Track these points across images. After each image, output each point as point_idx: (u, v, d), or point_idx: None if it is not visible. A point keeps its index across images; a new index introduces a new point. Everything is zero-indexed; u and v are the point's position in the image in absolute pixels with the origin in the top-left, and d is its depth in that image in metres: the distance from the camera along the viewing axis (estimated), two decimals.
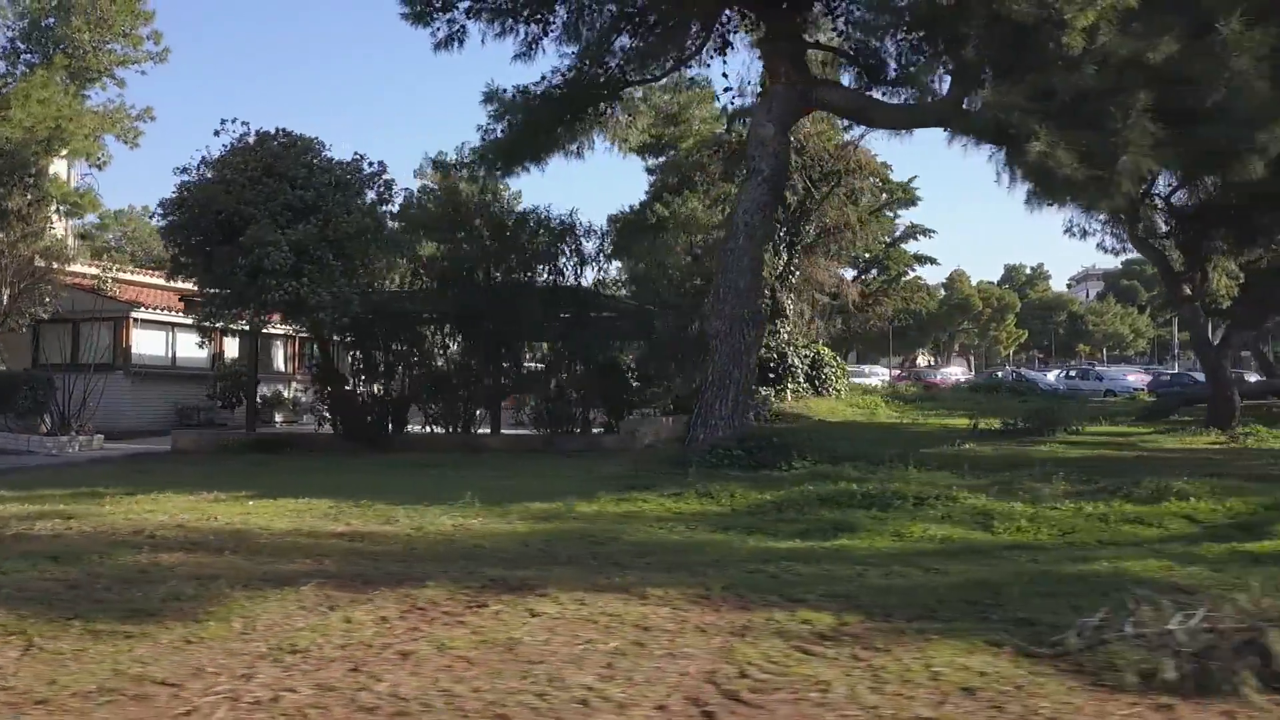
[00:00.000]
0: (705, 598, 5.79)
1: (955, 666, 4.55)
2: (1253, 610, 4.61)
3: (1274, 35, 9.29)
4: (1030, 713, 4.05)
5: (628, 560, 6.95)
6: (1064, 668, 4.61)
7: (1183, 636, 4.47)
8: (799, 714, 4.04)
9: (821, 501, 9.06)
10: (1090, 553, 7.26)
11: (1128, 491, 9.47)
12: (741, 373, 13.13)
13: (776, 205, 14.69)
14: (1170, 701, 4.13)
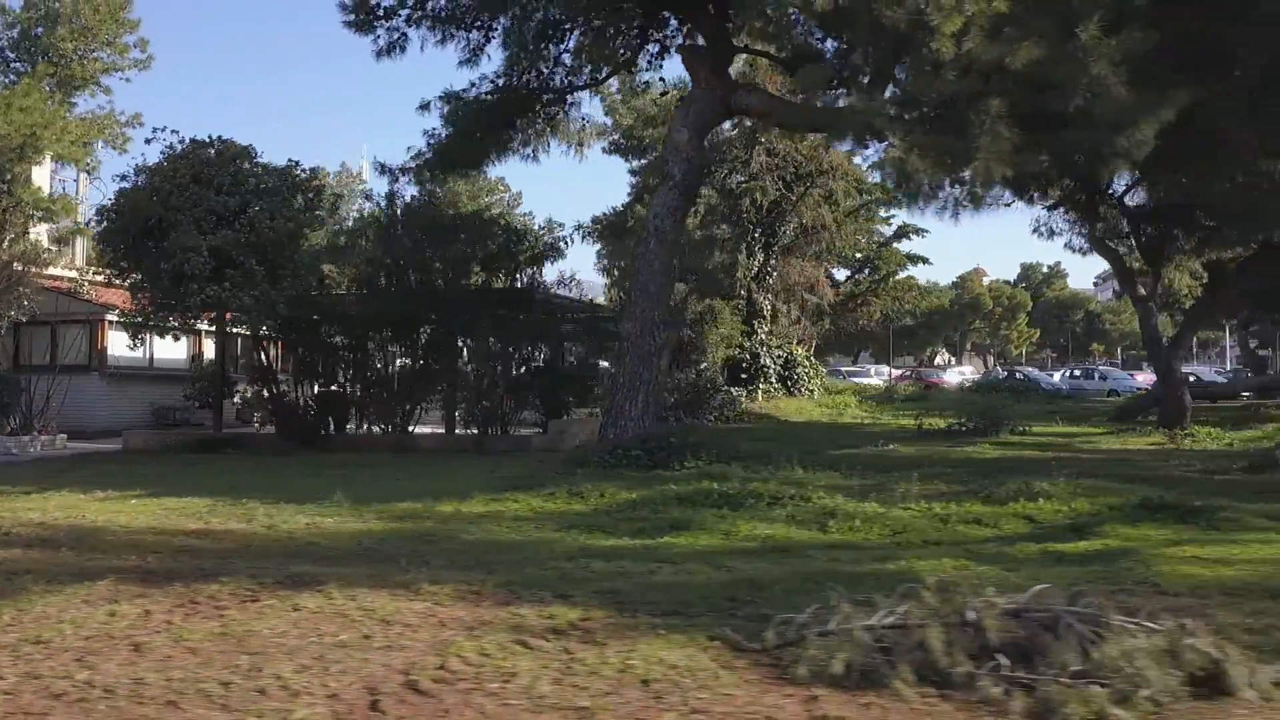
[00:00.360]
0: (476, 594, 6.01)
1: (653, 660, 4.74)
2: (934, 607, 4.78)
3: (1135, 41, 9.38)
4: (683, 702, 4.26)
5: (440, 558, 7.17)
6: (763, 662, 4.81)
7: (861, 633, 4.65)
8: (464, 703, 4.25)
9: (679, 501, 9.24)
10: (900, 553, 7.42)
11: (988, 493, 9.59)
12: (651, 374, 13.34)
13: (689, 209, 14.87)
14: (821, 693, 4.32)
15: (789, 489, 9.53)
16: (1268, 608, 5.69)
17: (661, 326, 13.41)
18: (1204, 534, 7.98)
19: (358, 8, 17.39)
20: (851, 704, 4.21)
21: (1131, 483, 11.08)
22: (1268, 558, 7.12)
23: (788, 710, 4.16)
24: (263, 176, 14.81)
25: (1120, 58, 9.31)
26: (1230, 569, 6.79)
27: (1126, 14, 9.51)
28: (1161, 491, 9.48)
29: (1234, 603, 5.82)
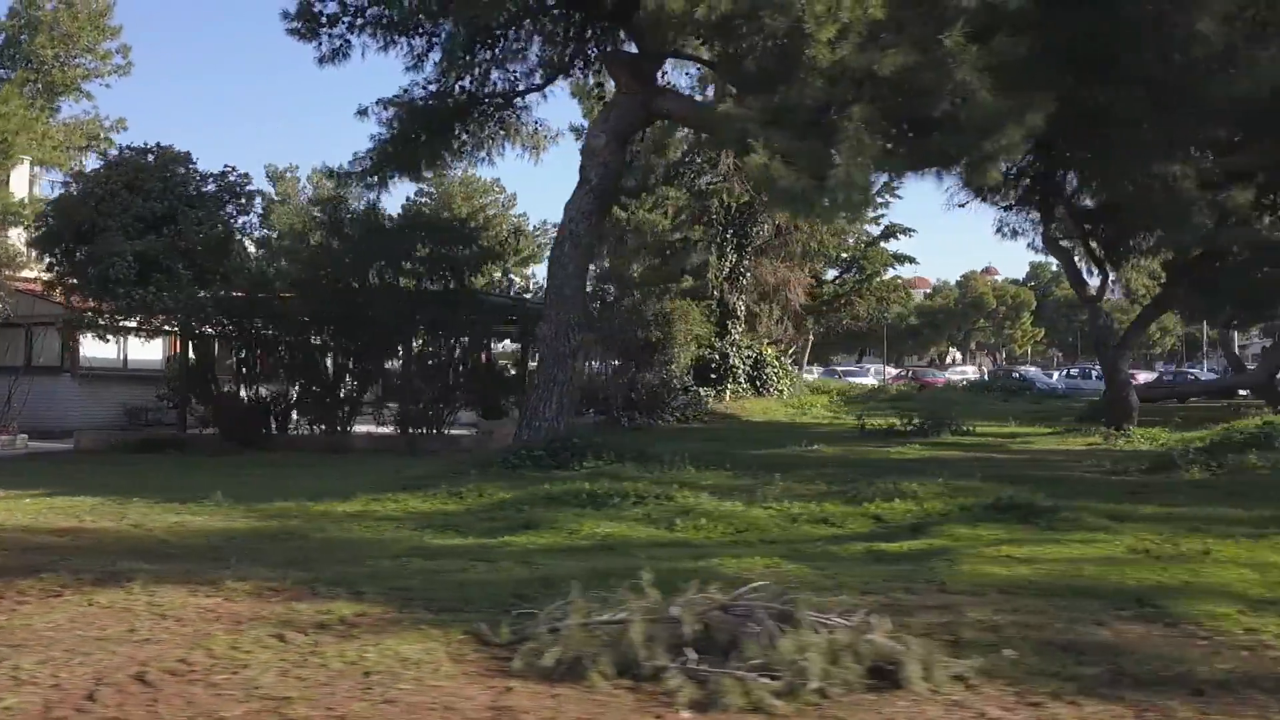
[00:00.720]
0: (274, 590, 6.24)
1: (389, 654, 4.96)
2: (654, 603, 4.98)
3: (1005, 46, 9.52)
4: (384, 692, 4.47)
5: (275, 556, 7.41)
6: (499, 656, 5.02)
7: (577, 629, 4.87)
8: (179, 694, 4.46)
9: (547, 501, 9.47)
10: (723, 551, 7.62)
11: (855, 493, 9.77)
12: (566, 375, 13.56)
13: (604, 214, 15.08)
14: (518, 685, 4.54)
15: (657, 488, 9.76)
16: (1027, 604, 5.87)
17: (577, 329, 13.64)
18: (1035, 534, 8.15)
19: (301, 16, 17.69)
20: (541, 695, 4.42)
21: (1017, 482, 11.24)
22: (1074, 557, 7.29)
23: (476, 700, 4.37)
24: (197, 183, 15.14)
25: (989, 63, 9.46)
26: (1029, 567, 6.96)
27: (1002, 20, 9.64)
28: (1026, 492, 9.64)
29: (1003, 600, 6.01)
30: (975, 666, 4.66)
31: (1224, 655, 4.96)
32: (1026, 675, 4.58)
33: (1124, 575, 6.65)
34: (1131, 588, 6.28)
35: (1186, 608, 5.77)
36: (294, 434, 17.62)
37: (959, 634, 5.22)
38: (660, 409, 24.38)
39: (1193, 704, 4.27)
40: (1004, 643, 5.07)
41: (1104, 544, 7.69)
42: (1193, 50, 9.87)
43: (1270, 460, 13.86)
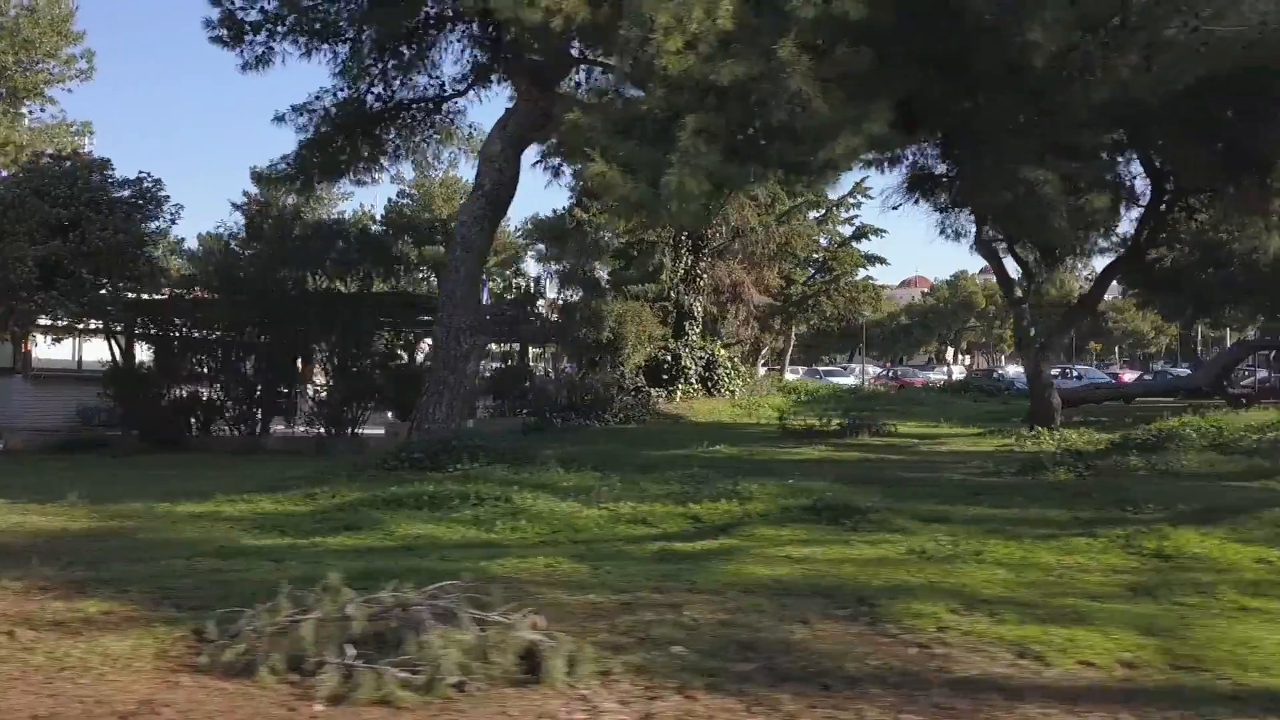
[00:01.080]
0: (42, 589, 6.51)
1: (97, 649, 5.20)
2: (337, 602, 5.23)
3: (846, 58, 9.73)
4: (68, 684, 4.72)
5: (86, 555, 7.67)
6: (210, 652, 5.28)
7: (262, 627, 5.12)
8: None
9: (388, 502, 9.73)
10: (522, 551, 7.86)
11: (692, 494, 10.01)
12: (457, 379, 13.82)
13: (498, 219, 15.31)
14: (189, 680, 4.80)
15: (500, 490, 10.00)
16: (753, 603, 6.10)
17: (469, 332, 13.89)
18: (833, 534, 8.39)
19: (224, 24, 17.97)
20: (200, 689, 4.69)
21: (875, 484, 11.54)
22: (846, 558, 7.53)
23: (134, 694, 4.62)
24: (110, 189, 15.47)
25: (835, 73, 9.68)
26: (794, 567, 7.21)
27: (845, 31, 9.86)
28: (855, 494, 9.89)
29: (736, 599, 6.24)
30: (632, 662, 4.93)
31: (889, 652, 5.19)
32: (678, 671, 4.83)
33: (875, 576, 6.87)
34: (870, 587, 6.51)
35: (901, 607, 5.99)
36: (216, 435, 17.93)
37: (650, 632, 5.47)
38: (603, 410, 24.62)
39: (808, 698, 4.52)
40: (689, 640, 5.32)
41: (888, 545, 7.92)
42: (1031, 59, 10.09)
43: (1151, 462, 14.09)
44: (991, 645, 5.32)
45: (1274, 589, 6.66)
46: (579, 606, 6.10)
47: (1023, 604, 6.17)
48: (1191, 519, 9.24)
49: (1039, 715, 4.34)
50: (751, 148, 10.27)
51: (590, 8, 10.48)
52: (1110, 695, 4.61)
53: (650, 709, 4.39)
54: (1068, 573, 7.16)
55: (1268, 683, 4.79)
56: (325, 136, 17.42)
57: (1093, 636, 5.44)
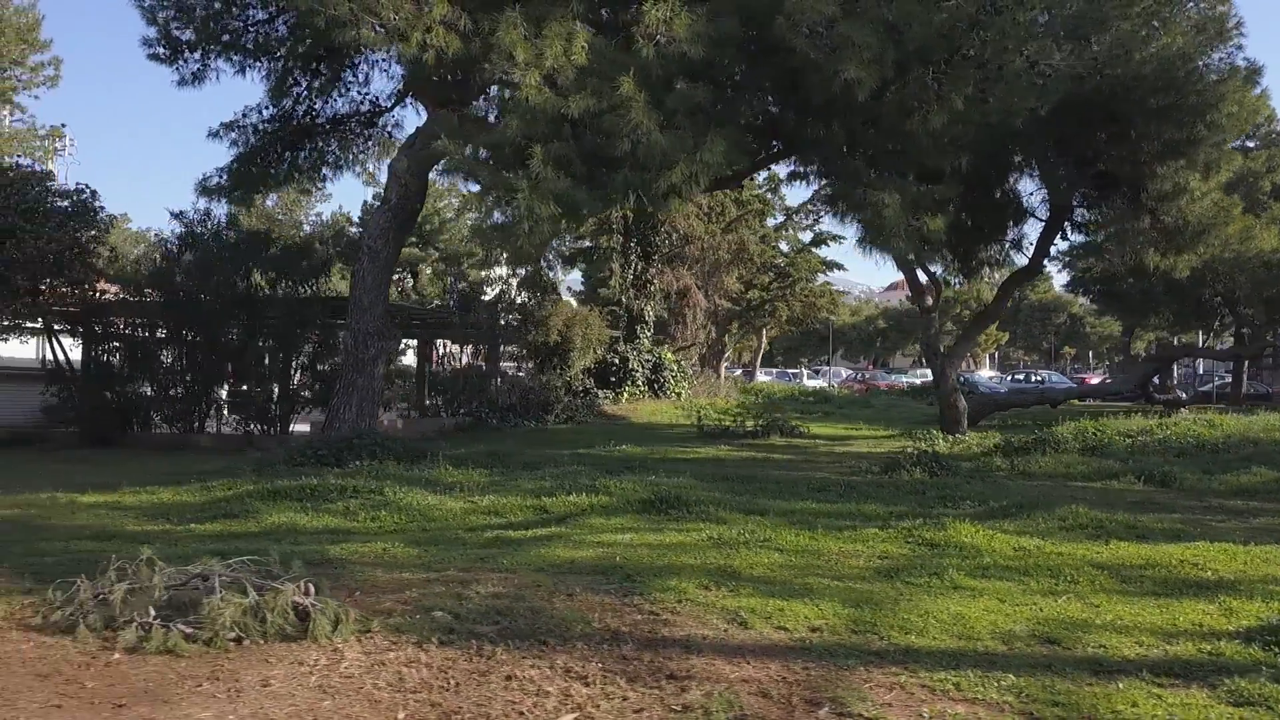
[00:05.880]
0: None
1: None
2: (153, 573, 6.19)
3: (686, 92, 10.74)
4: None
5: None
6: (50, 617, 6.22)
7: (86, 593, 6.08)
8: None
9: (273, 494, 10.60)
10: (368, 538, 8.81)
11: (556, 488, 11.00)
12: (365, 380, 14.77)
13: (405, 232, 16.26)
14: (14, 635, 5.75)
15: (375, 484, 10.93)
16: (536, 580, 7.08)
17: (375, 338, 14.83)
18: (654, 524, 9.38)
19: (162, 41, 18.85)
20: (22, 642, 5.64)
21: (710, 480, 12.53)
22: (649, 544, 8.51)
23: None
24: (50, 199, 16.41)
25: (681, 106, 10.68)
26: (598, 551, 8.17)
27: (686, 69, 10.88)
28: (698, 489, 10.88)
29: (524, 576, 7.22)
30: (391, 623, 5.92)
31: (618, 618, 6.19)
32: (427, 631, 5.81)
33: (659, 558, 7.86)
34: (645, 567, 7.50)
35: (659, 583, 6.98)
36: (154, 433, 18.82)
37: (428, 602, 6.45)
38: (546, 411, 25.56)
39: (522, 651, 5.50)
40: (456, 608, 6.29)
41: (694, 533, 8.91)
42: (855, 93, 11.11)
43: (1014, 464, 15.16)
44: (712, 614, 6.32)
45: (1000, 572, 7.67)
46: (386, 582, 7.07)
47: (770, 582, 7.19)
48: (992, 514, 10.29)
49: (702, 665, 5.34)
50: (600, 175, 11.24)
51: (463, 42, 11.46)
52: (773, 652, 5.62)
53: (384, 658, 5.37)
54: (836, 558, 8.16)
55: (912, 642, 5.82)
56: (257, 150, 18.31)
57: (802, 608, 6.45)
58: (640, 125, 10.58)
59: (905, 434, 21.81)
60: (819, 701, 4.80)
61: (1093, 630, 6.09)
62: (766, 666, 5.34)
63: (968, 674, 5.20)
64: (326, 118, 18.42)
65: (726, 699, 4.74)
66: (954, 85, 12.00)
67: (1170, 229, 17.32)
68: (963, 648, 5.71)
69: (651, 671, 5.18)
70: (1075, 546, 8.72)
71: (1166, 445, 16.49)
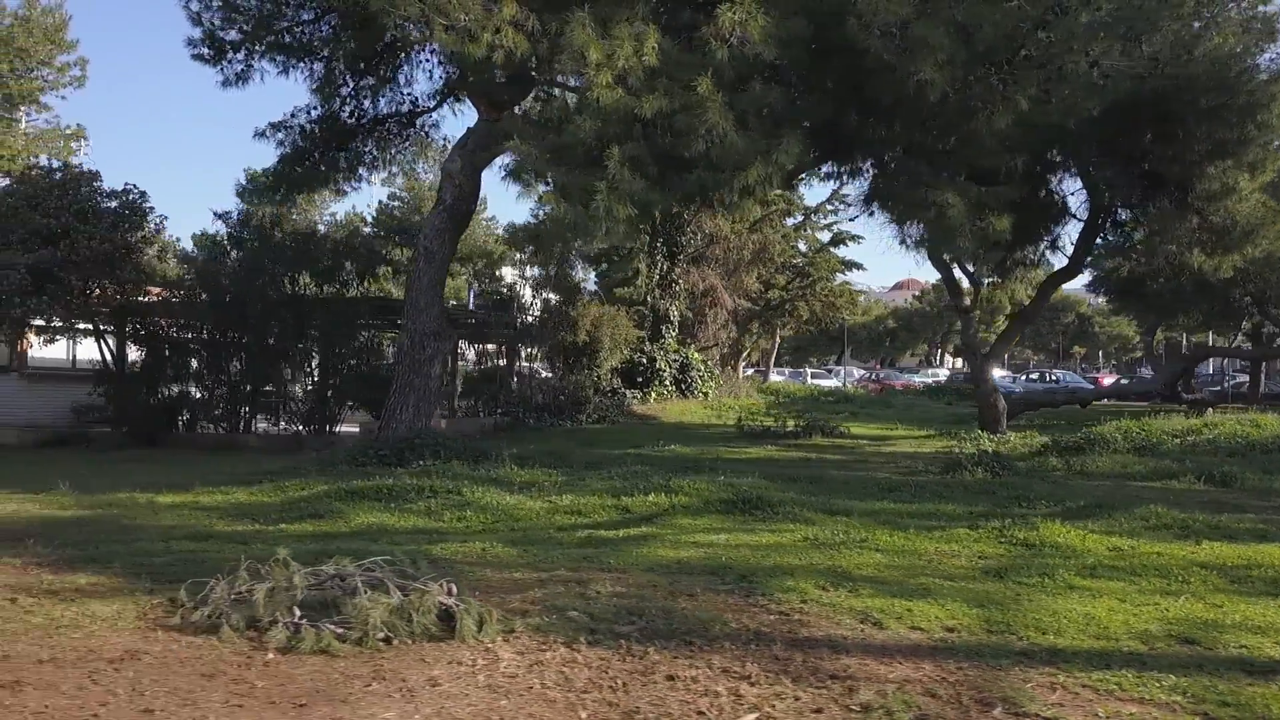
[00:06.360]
0: (37, 564, 7.47)
1: (88, 613, 6.16)
2: (288, 573, 6.21)
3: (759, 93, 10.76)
4: (63, 637, 5.68)
5: (73, 537, 8.61)
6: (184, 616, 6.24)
7: (223, 593, 6.10)
8: None
9: (350, 494, 10.64)
10: (463, 537, 8.84)
11: (629, 488, 11.01)
12: (422, 381, 14.80)
13: (460, 232, 16.28)
14: (164, 635, 5.77)
15: (452, 484, 10.95)
16: (652, 580, 7.09)
17: (432, 337, 14.86)
18: (743, 524, 9.40)
19: (206, 42, 18.89)
20: (172, 641, 5.66)
21: (803, 481, 12.54)
22: (747, 544, 8.54)
23: (119, 645, 5.59)
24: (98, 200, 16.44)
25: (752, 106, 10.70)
26: (699, 551, 8.20)
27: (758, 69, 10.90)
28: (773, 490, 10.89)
29: (638, 576, 7.24)
30: (532, 624, 5.93)
31: (751, 618, 6.21)
32: (570, 631, 5.83)
33: (765, 558, 7.88)
34: (757, 567, 7.52)
35: (776, 583, 7.00)
36: (199, 433, 18.86)
37: (557, 601, 6.46)
38: (578, 411, 25.59)
39: (672, 651, 5.52)
40: (586, 608, 6.31)
41: (787, 533, 8.93)
42: (927, 94, 11.13)
43: (1069, 464, 15.16)
44: (841, 614, 6.34)
45: (1108, 572, 7.69)
46: (501, 582, 7.09)
47: (884, 582, 7.20)
48: (1073, 514, 10.29)
49: (856, 664, 5.35)
50: (674, 175, 11.27)
51: (531, 42, 11.49)
52: (921, 651, 5.63)
53: (540, 658, 5.38)
54: (937, 558, 8.18)
55: (1054, 642, 5.83)
56: (303, 151, 18.34)
57: (930, 608, 6.47)
58: (716, 126, 10.60)
59: (943, 434, 21.86)
60: (989, 701, 4.82)
61: (1227, 630, 6.10)
62: (920, 666, 5.35)
63: (1124, 674, 5.21)
64: (370, 118, 18.44)
65: (903, 699, 4.75)
66: (1019, 86, 12.02)
67: (1218, 229, 17.35)
68: (1106, 648, 5.72)
69: (811, 671, 5.20)
70: (1169, 547, 8.73)
71: (1217, 445, 16.49)
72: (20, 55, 32.29)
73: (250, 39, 18.45)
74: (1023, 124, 12.24)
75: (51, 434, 19.15)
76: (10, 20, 31.49)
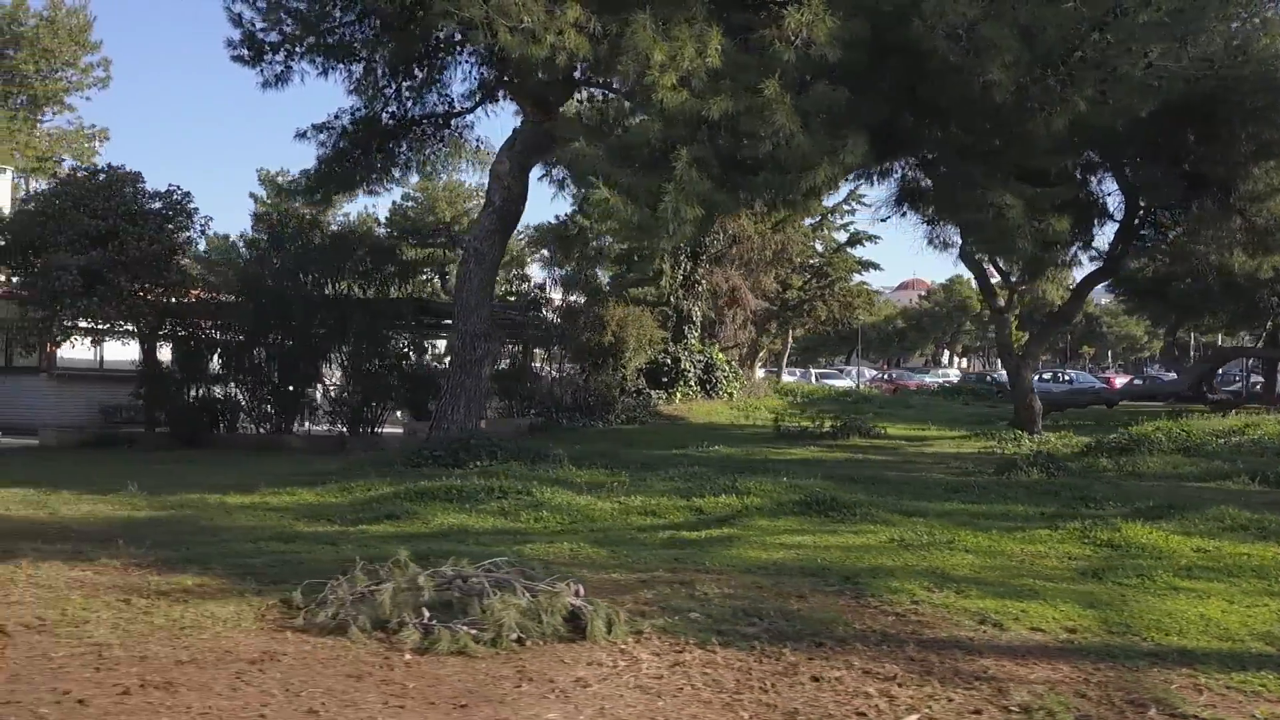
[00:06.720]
0: (138, 565, 7.47)
1: (206, 614, 6.16)
2: (409, 574, 6.23)
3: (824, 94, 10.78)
4: (192, 639, 5.69)
5: (159, 538, 8.61)
6: (298, 616, 6.25)
7: (345, 594, 6.12)
8: (26, 641, 5.70)
9: (419, 495, 10.65)
10: (544, 537, 8.85)
11: (695, 489, 11.02)
12: (473, 382, 14.81)
13: (508, 233, 16.28)
14: (293, 636, 5.78)
15: (521, 485, 10.95)
16: (754, 580, 7.11)
17: (483, 338, 14.88)
18: (822, 525, 9.40)
19: (246, 44, 18.92)
20: (305, 643, 5.66)
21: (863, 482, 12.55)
22: (835, 545, 8.54)
23: (253, 645, 5.60)
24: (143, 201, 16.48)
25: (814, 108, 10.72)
26: (789, 552, 8.20)
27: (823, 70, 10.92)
28: (842, 490, 10.90)
29: (738, 577, 7.25)
30: (657, 625, 5.94)
31: (871, 619, 6.22)
32: (696, 632, 5.84)
33: (860, 560, 7.89)
34: (855, 568, 7.52)
35: (881, 584, 7.00)
36: (241, 433, 18.87)
37: (671, 602, 6.47)
38: (606, 411, 25.60)
39: (805, 652, 5.54)
40: (702, 609, 6.33)
41: (871, 534, 8.94)
42: (993, 95, 11.15)
43: (1120, 465, 15.15)
44: (957, 615, 6.34)
45: (1204, 573, 7.69)
46: (603, 583, 7.09)
47: (986, 583, 7.20)
48: (1145, 515, 10.27)
49: (993, 666, 5.36)
50: (740, 176, 11.29)
51: (592, 44, 11.51)
52: (1052, 653, 5.64)
53: (679, 659, 5.39)
54: (1028, 559, 8.19)
55: (1181, 643, 5.83)
56: (343, 152, 18.37)
57: (1043, 609, 6.48)
58: (784, 127, 10.62)
59: (977, 435, 21.86)
60: (1142, 703, 4.82)
61: None
62: (1056, 667, 5.36)
63: (1264, 676, 5.21)
64: (409, 119, 18.47)
65: (1058, 700, 4.76)
66: (1076, 87, 12.03)
67: (1260, 229, 17.35)
68: (1234, 649, 5.72)
69: (952, 672, 5.20)
70: (1253, 548, 8.73)
71: (1263, 446, 16.47)
72: (45, 56, 32.36)
73: (291, 40, 18.48)
74: (1077, 125, 12.26)
75: (91, 435, 19.16)
76: (35, 21, 31.54)
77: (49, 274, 15.06)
